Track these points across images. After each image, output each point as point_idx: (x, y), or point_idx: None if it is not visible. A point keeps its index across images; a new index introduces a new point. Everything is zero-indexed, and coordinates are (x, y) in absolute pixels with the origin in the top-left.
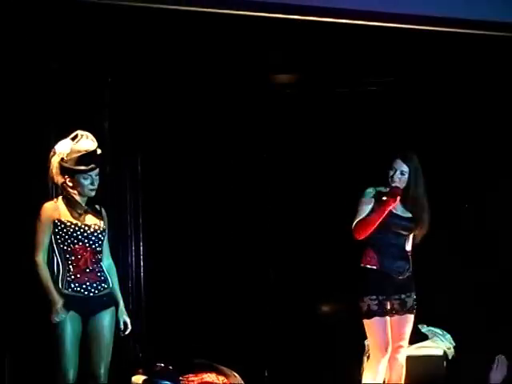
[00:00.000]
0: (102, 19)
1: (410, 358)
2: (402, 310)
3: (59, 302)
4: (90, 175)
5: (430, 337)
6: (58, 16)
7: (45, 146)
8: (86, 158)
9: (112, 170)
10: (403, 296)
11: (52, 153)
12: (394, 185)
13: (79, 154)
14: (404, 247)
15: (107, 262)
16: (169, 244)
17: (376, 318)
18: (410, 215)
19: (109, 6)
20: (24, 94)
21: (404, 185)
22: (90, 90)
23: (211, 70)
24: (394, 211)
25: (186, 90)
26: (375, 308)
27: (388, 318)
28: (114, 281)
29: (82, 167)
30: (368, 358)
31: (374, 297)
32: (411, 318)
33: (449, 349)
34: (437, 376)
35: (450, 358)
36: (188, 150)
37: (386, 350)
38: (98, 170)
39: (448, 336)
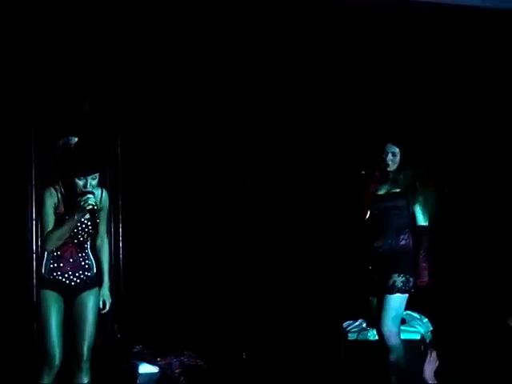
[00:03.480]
0: (82, 10)
1: None
2: (381, 288)
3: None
4: (86, 178)
5: (407, 321)
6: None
7: (26, 134)
8: (86, 161)
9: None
10: (384, 275)
11: (55, 146)
12: (389, 169)
13: (79, 157)
14: (389, 225)
15: (100, 240)
16: (147, 226)
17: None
18: (395, 191)
19: None
20: (4, 80)
21: (396, 165)
22: (69, 74)
23: (194, 58)
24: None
25: (167, 73)
26: (368, 284)
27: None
28: (104, 259)
29: (79, 171)
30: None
31: (370, 274)
32: (389, 298)
33: (426, 333)
34: (414, 360)
35: (427, 342)
36: (168, 132)
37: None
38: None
39: (426, 320)
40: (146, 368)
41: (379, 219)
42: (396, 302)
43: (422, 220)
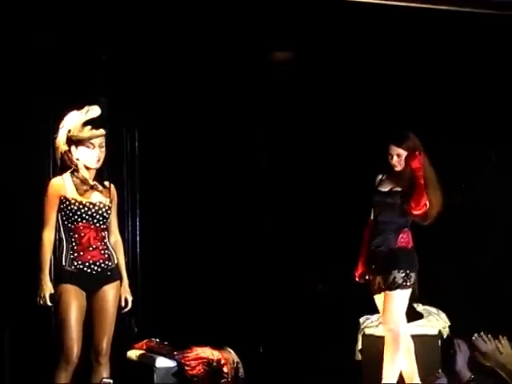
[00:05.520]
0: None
1: None
2: (384, 286)
3: (47, 290)
4: (93, 143)
5: (424, 316)
6: None
7: (43, 122)
8: (90, 124)
9: (109, 145)
10: (384, 272)
11: (61, 124)
12: (396, 169)
13: (84, 121)
14: (389, 222)
15: (114, 239)
16: (165, 220)
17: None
18: (398, 189)
19: None
20: (22, 72)
21: (402, 166)
22: (86, 67)
23: (208, 46)
24: (380, 188)
25: (184, 65)
26: (368, 283)
27: (380, 293)
28: (120, 258)
29: (85, 133)
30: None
31: (365, 271)
32: (390, 295)
33: (444, 328)
34: (432, 355)
35: (444, 337)
36: (186, 125)
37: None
38: (101, 140)
39: (443, 315)
40: (163, 362)
41: (380, 216)
42: (397, 298)
43: None
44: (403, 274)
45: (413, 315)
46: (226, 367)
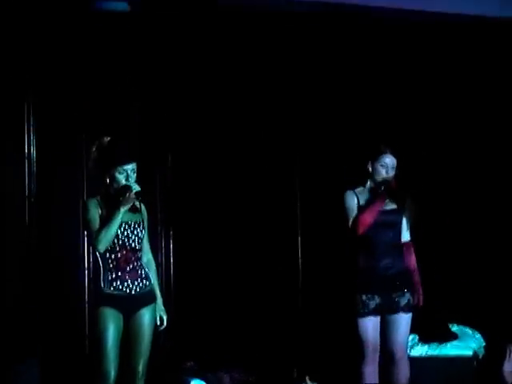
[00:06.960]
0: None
1: (439, 358)
2: (394, 309)
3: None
4: (125, 170)
5: (459, 336)
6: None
7: (78, 145)
8: (122, 151)
9: (142, 167)
10: (394, 295)
11: (94, 149)
12: (387, 179)
13: (115, 148)
14: (392, 242)
15: (146, 258)
16: (199, 241)
17: (365, 318)
18: (394, 207)
19: None
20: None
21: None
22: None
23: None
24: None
25: (213, 79)
26: (365, 306)
27: (377, 317)
28: (153, 276)
29: (117, 160)
30: None
31: (364, 295)
32: (404, 317)
33: (479, 348)
34: (467, 377)
35: (480, 357)
36: (218, 148)
37: (374, 350)
38: (133, 165)
39: (478, 335)
40: None
41: (380, 236)
42: (409, 319)
43: (407, 235)
44: (414, 295)
45: (447, 335)
46: None
